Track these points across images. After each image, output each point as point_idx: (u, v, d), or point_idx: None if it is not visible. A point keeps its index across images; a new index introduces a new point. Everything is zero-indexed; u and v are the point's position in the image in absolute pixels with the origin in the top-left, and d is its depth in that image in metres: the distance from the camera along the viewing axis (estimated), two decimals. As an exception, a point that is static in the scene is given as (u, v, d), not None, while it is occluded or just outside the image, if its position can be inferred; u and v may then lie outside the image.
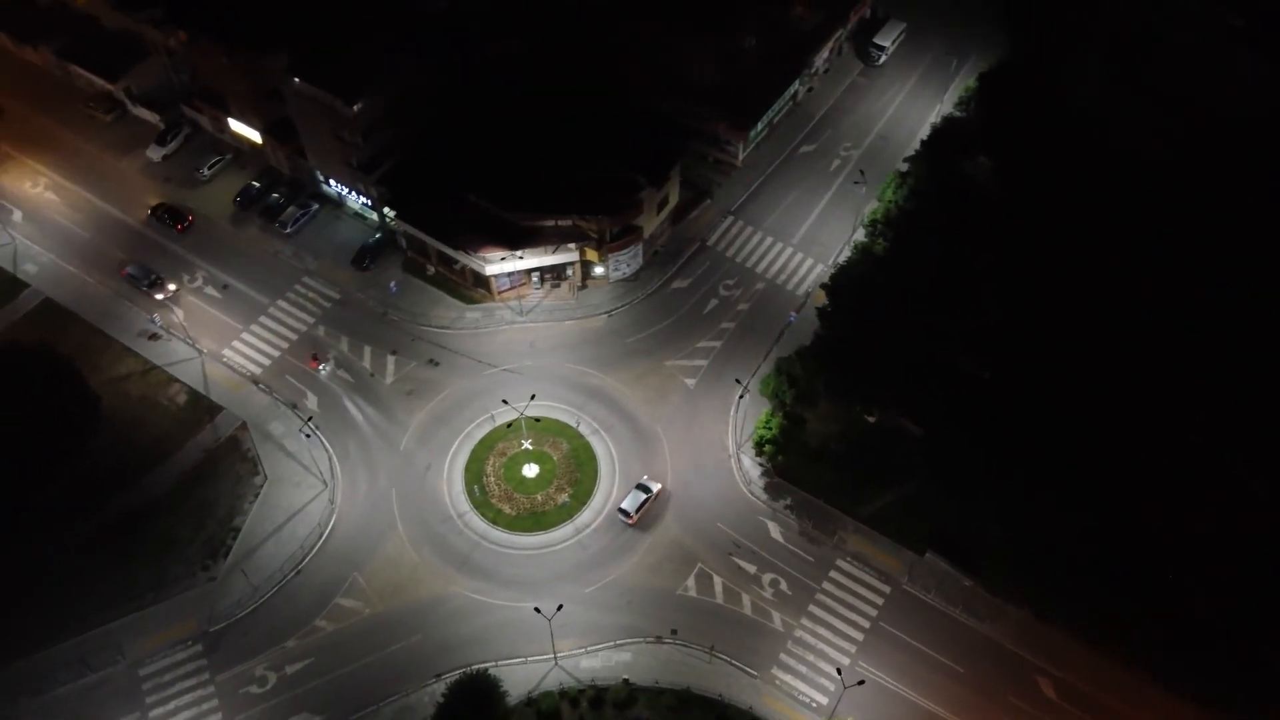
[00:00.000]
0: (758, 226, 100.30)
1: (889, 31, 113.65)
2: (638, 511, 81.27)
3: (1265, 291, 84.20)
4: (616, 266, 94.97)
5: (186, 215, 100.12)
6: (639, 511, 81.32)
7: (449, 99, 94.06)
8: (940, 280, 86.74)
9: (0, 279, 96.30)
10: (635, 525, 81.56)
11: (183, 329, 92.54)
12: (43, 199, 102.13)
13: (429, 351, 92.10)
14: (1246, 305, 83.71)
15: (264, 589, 78.81)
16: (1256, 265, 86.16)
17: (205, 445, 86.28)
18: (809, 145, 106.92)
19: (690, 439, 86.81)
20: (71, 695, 74.22)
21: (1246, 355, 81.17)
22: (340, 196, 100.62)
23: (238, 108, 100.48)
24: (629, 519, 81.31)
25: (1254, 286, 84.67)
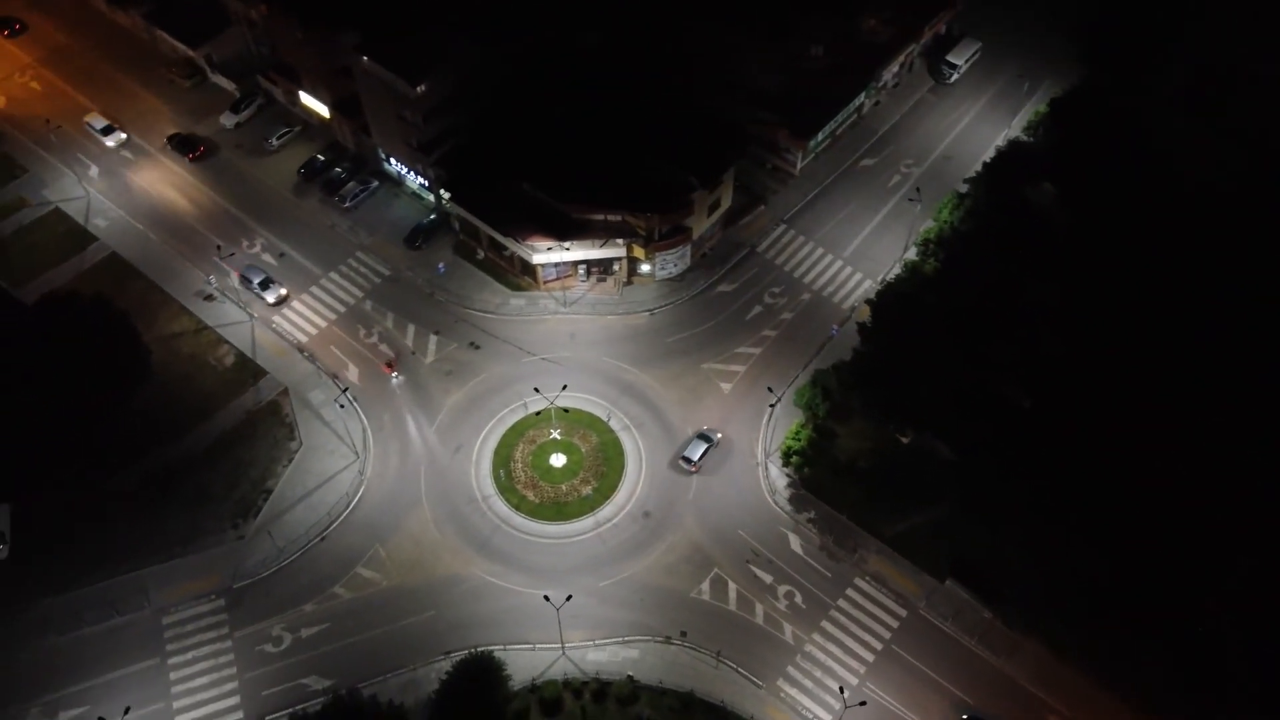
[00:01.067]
0: (810, 237, 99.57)
1: (963, 50, 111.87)
2: (700, 460, 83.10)
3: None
4: (663, 265, 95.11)
5: (199, 146, 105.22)
6: (700, 460, 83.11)
7: (512, 86, 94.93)
8: (989, 305, 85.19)
9: (72, 231, 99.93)
10: (697, 473, 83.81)
11: (237, 293, 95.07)
12: (118, 157, 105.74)
13: (471, 334, 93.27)
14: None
15: (288, 552, 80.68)
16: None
17: (247, 407, 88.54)
18: (870, 159, 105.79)
19: (719, 443, 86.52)
20: (97, 636, 76.83)
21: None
22: (400, 175, 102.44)
23: (309, 82, 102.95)
24: (692, 467, 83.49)
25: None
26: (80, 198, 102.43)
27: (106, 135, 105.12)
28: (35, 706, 73.80)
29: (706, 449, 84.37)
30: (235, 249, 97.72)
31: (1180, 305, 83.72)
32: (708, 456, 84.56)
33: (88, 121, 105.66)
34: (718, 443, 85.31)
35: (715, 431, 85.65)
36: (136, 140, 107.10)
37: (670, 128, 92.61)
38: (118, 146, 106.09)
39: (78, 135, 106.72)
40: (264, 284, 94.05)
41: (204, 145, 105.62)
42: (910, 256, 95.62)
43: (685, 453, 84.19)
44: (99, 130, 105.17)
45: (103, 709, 71.82)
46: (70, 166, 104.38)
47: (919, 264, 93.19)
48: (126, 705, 70.35)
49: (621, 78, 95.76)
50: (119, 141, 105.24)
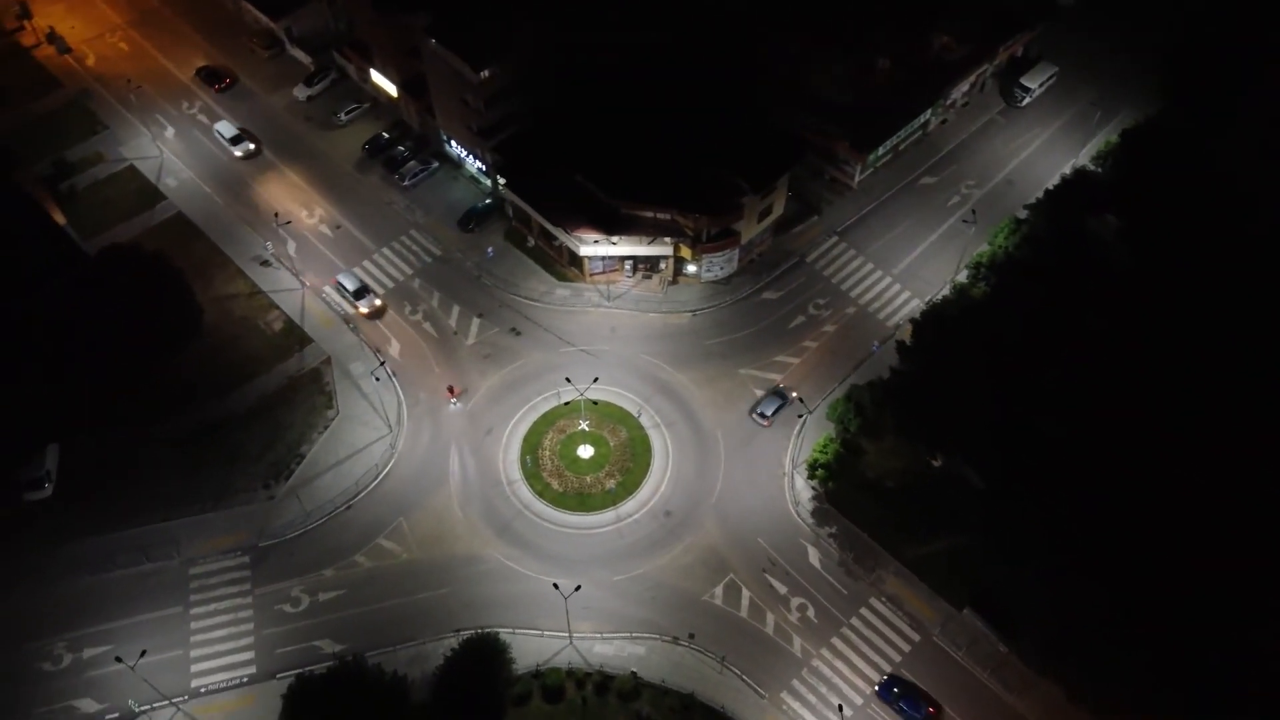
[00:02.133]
0: (861, 251, 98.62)
1: (1038, 74, 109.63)
2: (773, 415, 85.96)
3: None
4: (709, 267, 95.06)
5: (225, 78, 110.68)
6: (773, 415, 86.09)
7: (575, 78, 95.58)
8: (1035, 335, 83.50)
9: (143, 188, 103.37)
10: (769, 427, 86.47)
11: (291, 261, 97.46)
12: (193, 120, 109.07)
13: (513, 320, 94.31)
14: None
15: (315, 517, 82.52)
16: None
17: (290, 372, 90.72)
18: (930, 177, 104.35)
19: (748, 449, 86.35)
20: (126, 580, 79.49)
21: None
22: (460, 158, 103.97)
23: (380, 60, 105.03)
24: (765, 421, 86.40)
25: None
26: (154, 157, 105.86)
27: (235, 145, 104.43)
28: (63, 640, 76.64)
29: (780, 405, 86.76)
30: (292, 218, 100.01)
31: (1239, 356, 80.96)
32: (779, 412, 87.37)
33: (217, 129, 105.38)
34: (791, 401, 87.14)
35: (790, 390, 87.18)
36: (211, 105, 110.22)
37: (727, 131, 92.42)
38: (196, 111, 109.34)
39: (157, 97, 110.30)
40: (358, 293, 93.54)
41: (229, 77, 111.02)
42: (961, 279, 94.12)
43: (760, 408, 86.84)
44: (228, 138, 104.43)
45: (123, 650, 74.16)
46: (147, 126, 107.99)
47: (968, 287, 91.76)
48: (143, 649, 72.51)
49: (684, 77, 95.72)
50: (246, 152, 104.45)
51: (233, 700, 74.50)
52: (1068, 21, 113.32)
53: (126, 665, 70.79)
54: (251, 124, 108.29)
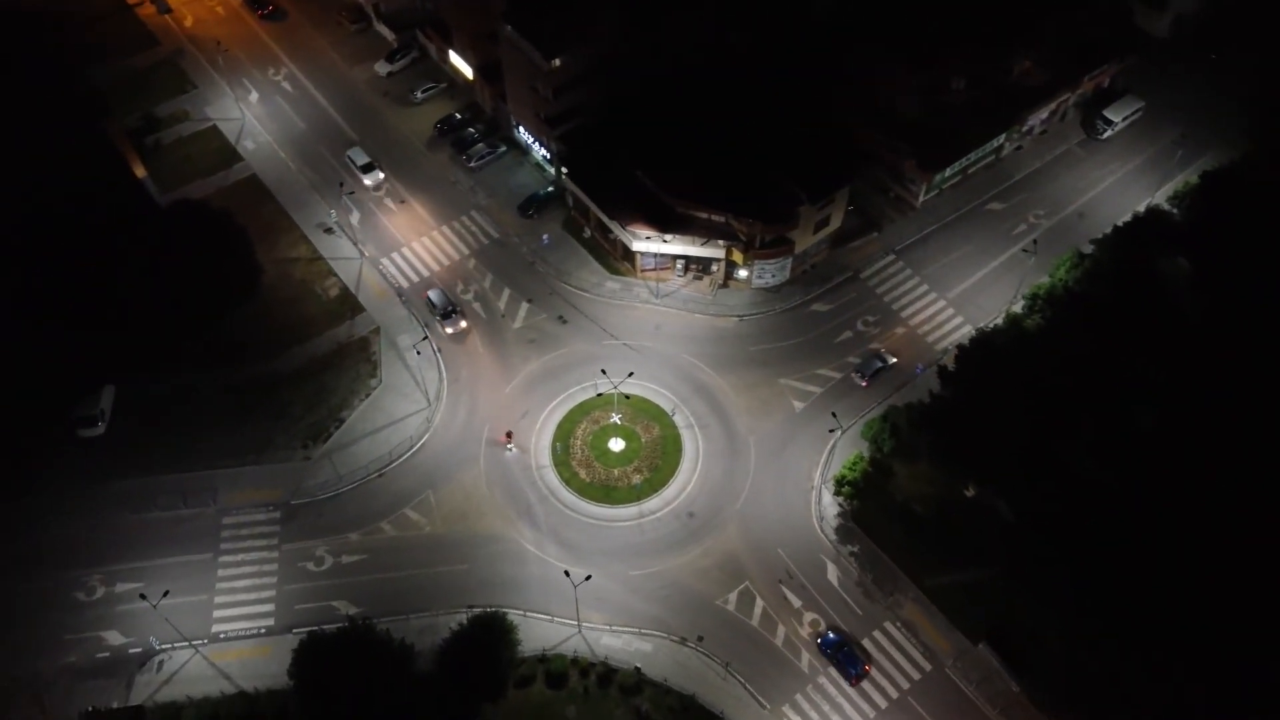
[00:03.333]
0: (917, 271, 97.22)
1: (1122, 107, 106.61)
2: (871, 377, 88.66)
3: None
4: (761, 274, 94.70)
5: (269, 4, 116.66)
6: (871, 377, 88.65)
7: (645, 74, 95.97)
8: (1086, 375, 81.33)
9: (223, 149, 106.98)
10: (867, 388, 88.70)
11: (353, 230, 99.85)
12: (277, 86, 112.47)
13: (561, 308, 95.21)
14: None
15: (346, 481, 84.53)
16: None
17: (339, 339, 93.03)
18: (999, 204, 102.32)
19: (779, 460, 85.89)
20: (163, 522, 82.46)
21: None
22: (527, 145, 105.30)
23: (459, 42, 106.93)
24: (863, 382, 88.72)
25: None
26: (236, 119, 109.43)
27: (366, 173, 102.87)
28: (98, 573, 79.85)
29: (880, 368, 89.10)
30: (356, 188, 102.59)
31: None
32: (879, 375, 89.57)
33: (349, 155, 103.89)
34: (891, 366, 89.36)
35: (890, 355, 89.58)
36: (296, 73, 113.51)
37: (792, 139, 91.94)
38: (280, 78, 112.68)
39: (245, 61, 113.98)
40: (446, 313, 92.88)
41: (273, 4, 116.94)
42: (1016, 309, 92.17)
43: (861, 368, 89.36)
44: (359, 165, 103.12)
45: (153, 589, 76.94)
46: (233, 88, 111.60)
47: (1022, 318, 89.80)
48: (166, 589, 75.24)
49: (755, 81, 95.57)
50: (376, 182, 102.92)
51: (249, 649, 76.77)
52: (1159, 55, 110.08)
53: (150, 604, 73.56)
54: (331, 96, 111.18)
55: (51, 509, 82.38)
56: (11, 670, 74.79)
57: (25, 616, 77.56)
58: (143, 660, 76.02)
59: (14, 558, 79.93)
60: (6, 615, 77.30)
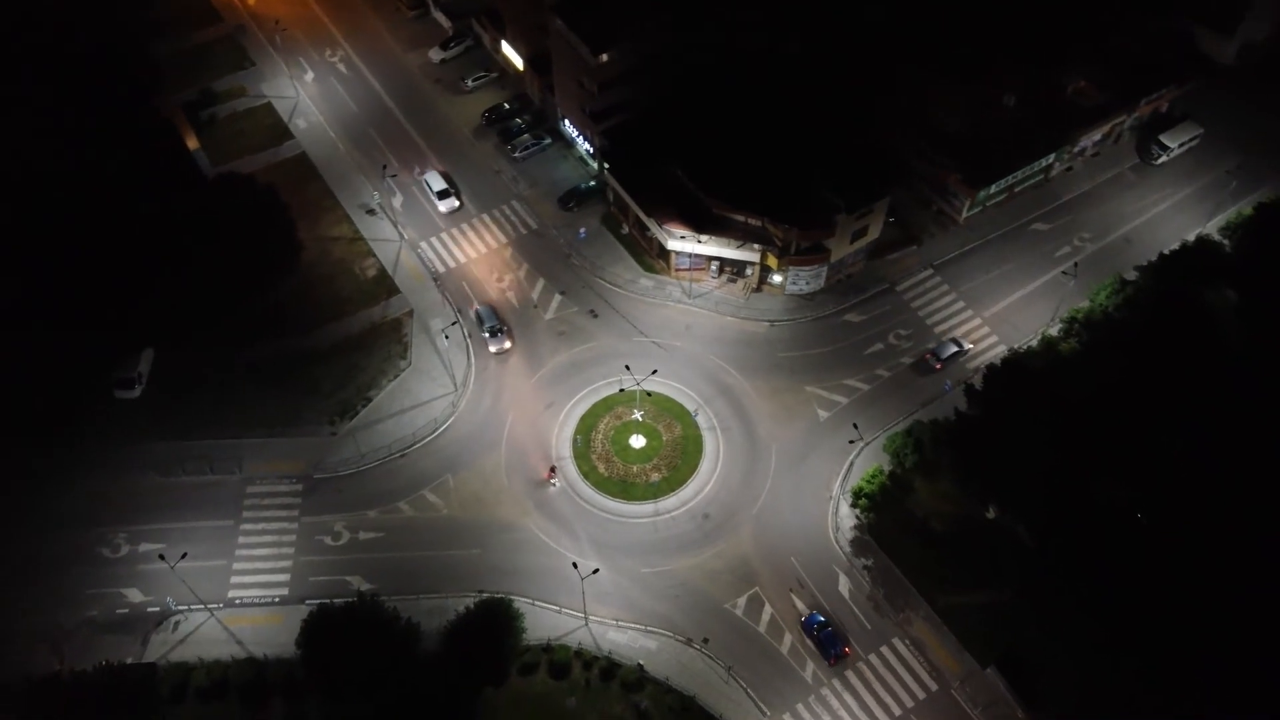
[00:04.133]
0: (955, 288, 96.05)
1: (1180, 133, 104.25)
2: (945, 360, 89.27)
3: None
4: (795, 280, 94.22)
5: None
6: (946, 361, 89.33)
7: (691, 74, 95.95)
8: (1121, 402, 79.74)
9: (276, 126, 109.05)
10: (940, 371, 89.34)
11: (395, 213, 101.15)
12: (332, 67, 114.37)
13: (593, 302, 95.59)
14: None
15: (369, 459, 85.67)
16: None
17: (373, 319, 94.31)
18: (1044, 224, 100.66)
19: (799, 467, 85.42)
20: (189, 486, 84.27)
21: None
22: (571, 138, 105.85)
23: (512, 32, 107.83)
24: (937, 364, 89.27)
25: None
26: (290, 97, 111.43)
27: (441, 199, 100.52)
28: (124, 531, 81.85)
29: (955, 353, 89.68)
30: (399, 171, 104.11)
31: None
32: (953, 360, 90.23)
33: (425, 179, 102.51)
34: (966, 352, 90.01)
35: (968, 342, 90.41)
36: (352, 56, 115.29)
37: (834, 147, 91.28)
38: (336, 59, 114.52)
39: (303, 41, 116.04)
40: (494, 330, 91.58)
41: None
42: (1052, 332, 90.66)
43: (935, 349, 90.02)
44: (434, 191, 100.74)
45: (174, 550, 78.62)
46: (290, 67, 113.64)
47: (1057, 341, 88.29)
48: (184, 552, 76.92)
49: (802, 86, 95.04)
50: (450, 209, 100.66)
51: (261, 616, 78.17)
52: (1222, 82, 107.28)
53: (168, 564, 75.22)
54: (385, 80, 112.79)
55: (83, 465, 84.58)
56: (34, 619, 76.90)
57: (51, 568, 79.74)
58: (159, 620, 77.78)
59: (45, 510, 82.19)
60: (34, 565, 79.52)
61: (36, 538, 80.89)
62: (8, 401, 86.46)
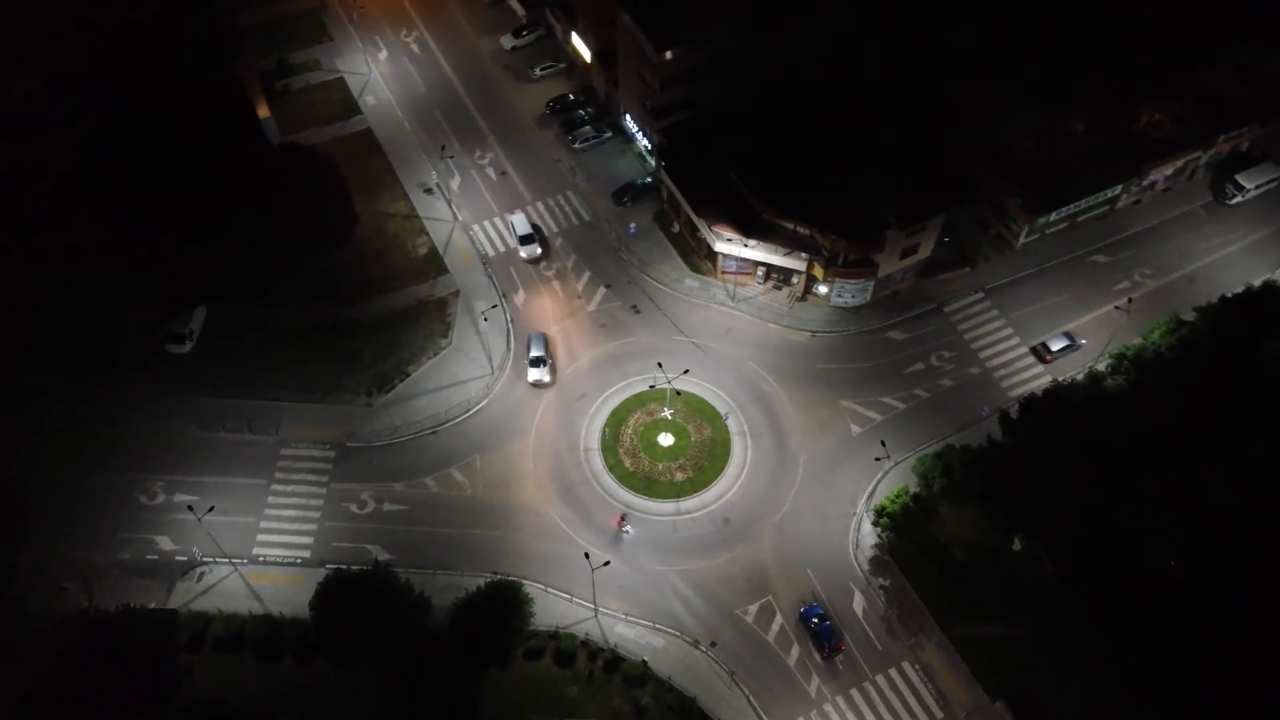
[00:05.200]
0: (1004, 314, 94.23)
1: (1258, 174, 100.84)
2: (1057, 353, 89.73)
3: None
4: (841, 292, 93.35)
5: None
6: (1057, 354, 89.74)
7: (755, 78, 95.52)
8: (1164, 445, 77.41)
9: (345, 101, 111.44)
10: (1050, 363, 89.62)
11: (452, 194, 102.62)
12: (406, 47, 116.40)
13: (637, 298, 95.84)
14: None
15: (401, 433, 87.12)
16: None
17: (420, 296, 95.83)
18: (1104, 256, 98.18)
19: (826, 480, 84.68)
20: (227, 443, 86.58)
21: None
22: (632, 133, 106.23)
23: (582, 25, 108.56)
24: (1048, 356, 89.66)
25: None
26: (363, 74, 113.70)
27: (524, 244, 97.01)
28: (161, 480, 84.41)
29: (1067, 346, 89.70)
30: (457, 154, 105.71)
31: None
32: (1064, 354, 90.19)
33: (511, 220, 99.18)
34: (1079, 347, 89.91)
35: (1080, 338, 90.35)
36: (426, 37, 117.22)
37: (893, 160, 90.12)
38: (410, 40, 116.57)
39: (380, 19, 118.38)
40: (537, 360, 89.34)
41: None
42: (1100, 367, 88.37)
43: (1047, 340, 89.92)
44: (519, 235, 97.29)
45: (206, 503, 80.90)
46: (365, 45, 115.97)
47: (1103, 376, 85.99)
48: (211, 505, 79.19)
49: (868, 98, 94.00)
50: (532, 255, 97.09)
51: (282, 575, 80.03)
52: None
53: (195, 516, 77.45)
54: (455, 63, 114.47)
55: (130, 413, 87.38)
56: (68, 556, 79.79)
57: (91, 509, 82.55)
58: (186, 569, 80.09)
59: (90, 453, 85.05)
60: (74, 505, 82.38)
61: (79, 478, 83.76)
62: (66, 345, 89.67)
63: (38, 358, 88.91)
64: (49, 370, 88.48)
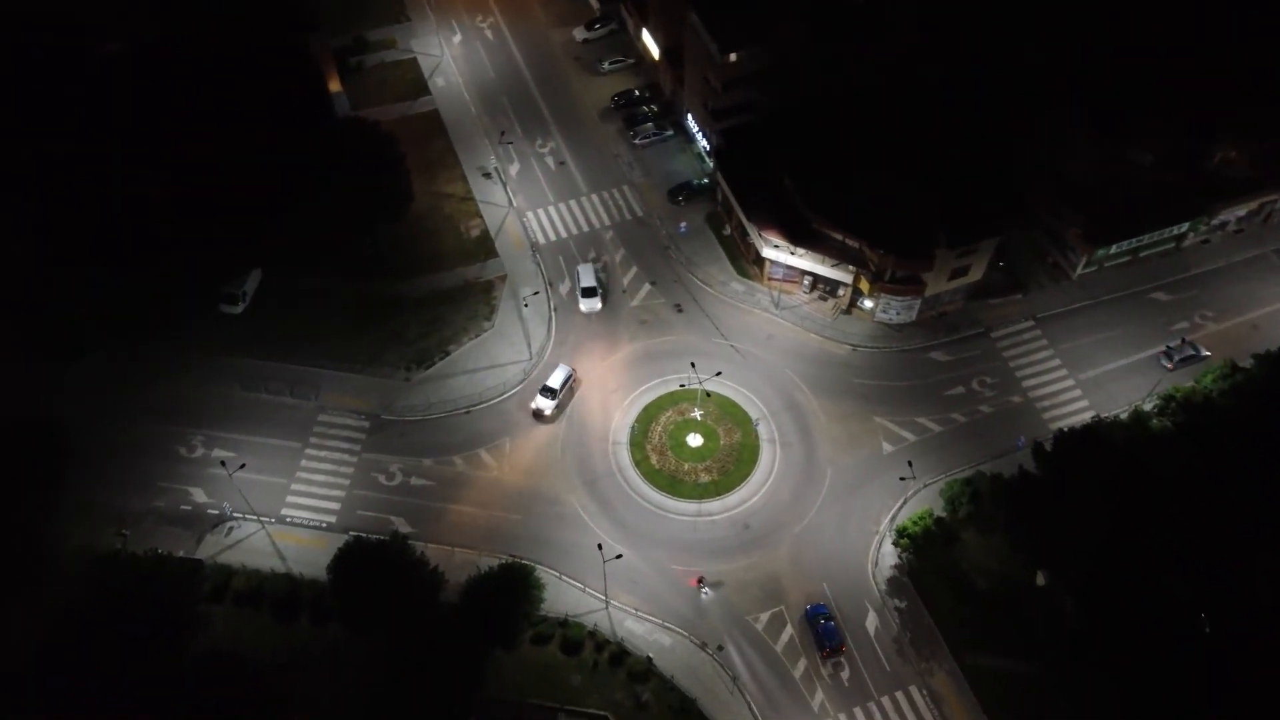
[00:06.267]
0: (1054, 344, 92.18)
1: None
2: (1177, 363, 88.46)
3: None
4: (886, 308, 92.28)
5: None
6: (1178, 364, 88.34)
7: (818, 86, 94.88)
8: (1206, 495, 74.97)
9: (416, 81, 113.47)
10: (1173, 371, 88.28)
11: (509, 180, 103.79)
12: (480, 33, 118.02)
13: (681, 297, 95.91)
14: None
15: (435, 410, 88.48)
16: None
17: (467, 278, 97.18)
18: (1165, 294, 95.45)
19: (851, 496, 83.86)
20: (267, 404, 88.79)
21: None
22: (693, 133, 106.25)
23: (653, 22, 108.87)
24: (1169, 364, 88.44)
25: None
26: (435, 56, 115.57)
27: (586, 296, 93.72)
28: (201, 435, 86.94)
29: (1190, 356, 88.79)
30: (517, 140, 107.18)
31: None
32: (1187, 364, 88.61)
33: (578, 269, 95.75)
34: (1204, 359, 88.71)
35: (1205, 349, 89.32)
36: (501, 25, 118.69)
37: (950, 179, 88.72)
38: (485, 26, 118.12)
39: (457, 3, 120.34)
40: (548, 390, 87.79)
41: None
42: (1146, 407, 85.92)
43: (1169, 348, 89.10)
44: (582, 286, 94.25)
45: (241, 460, 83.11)
46: (440, 28, 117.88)
47: (1148, 417, 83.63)
48: (243, 463, 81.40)
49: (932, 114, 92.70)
50: (591, 309, 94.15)
51: (306, 538, 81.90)
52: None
53: (226, 472, 79.67)
54: (527, 52, 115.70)
55: (178, 368, 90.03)
56: (109, 499, 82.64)
57: (133, 456, 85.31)
58: (216, 522, 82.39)
59: (138, 402, 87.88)
60: (117, 451, 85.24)
61: (126, 426, 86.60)
62: (125, 297, 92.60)
63: (97, 306, 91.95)
64: (106, 319, 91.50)
